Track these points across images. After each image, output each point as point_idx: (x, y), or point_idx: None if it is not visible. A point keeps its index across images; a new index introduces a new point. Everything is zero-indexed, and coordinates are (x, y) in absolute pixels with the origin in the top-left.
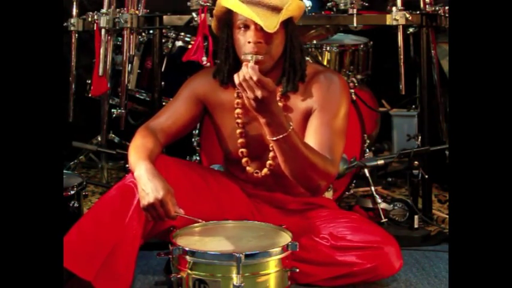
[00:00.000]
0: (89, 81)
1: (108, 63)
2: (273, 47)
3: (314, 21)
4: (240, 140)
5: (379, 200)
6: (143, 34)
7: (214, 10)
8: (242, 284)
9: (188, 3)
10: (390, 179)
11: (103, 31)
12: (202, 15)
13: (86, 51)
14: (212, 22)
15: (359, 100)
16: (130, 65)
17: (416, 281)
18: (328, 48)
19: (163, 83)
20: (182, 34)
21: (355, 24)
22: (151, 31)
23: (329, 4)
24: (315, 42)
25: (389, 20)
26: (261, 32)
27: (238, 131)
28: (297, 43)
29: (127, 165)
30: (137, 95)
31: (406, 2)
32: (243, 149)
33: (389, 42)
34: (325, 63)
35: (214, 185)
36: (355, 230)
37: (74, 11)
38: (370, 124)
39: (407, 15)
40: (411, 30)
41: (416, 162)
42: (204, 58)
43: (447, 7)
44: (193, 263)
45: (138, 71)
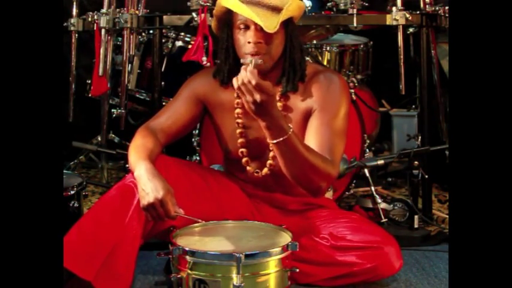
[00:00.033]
0: (89, 81)
1: (108, 63)
2: (273, 47)
3: (314, 21)
4: (240, 140)
5: (379, 200)
6: (143, 34)
7: (214, 10)
8: (242, 284)
9: (188, 3)
10: (390, 179)
11: (103, 31)
12: (202, 15)
13: (86, 51)
14: (212, 22)
15: (359, 100)
16: (130, 65)
17: (416, 281)
18: (328, 48)
19: (163, 83)
20: (182, 34)
21: (355, 24)
22: (151, 31)
23: (329, 4)
24: (315, 42)
25: (389, 20)
26: (261, 32)
27: (238, 131)
28: (297, 43)
29: (127, 165)
30: (137, 95)
31: (406, 2)
32: (243, 149)
33: (389, 42)
34: (325, 63)
35: (214, 185)
36: (355, 230)
37: (74, 11)
38: (370, 124)
39: (407, 15)
40: (411, 30)
41: (416, 162)
42: (204, 58)
43: (447, 7)
44: (193, 263)
45: (138, 71)
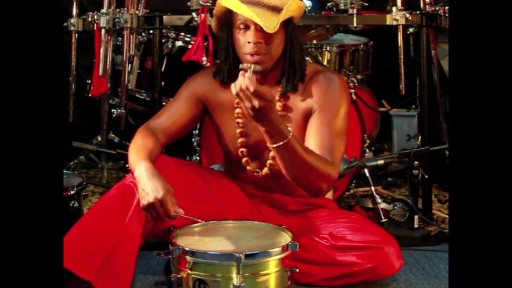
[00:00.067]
0: (89, 81)
1: (108, 63)
2: (273, 47)
3: (314, 21)
4: (240, 140)
5: (379, 200)
6: (143, 34)
7: (214, 10)
8: (242, 284)
9: (188, 3)
10: (390, 179)
11: (103, 31)
12: (202, 15)
13: (86, 51)
14: (212, 22)
15: (359, 100)
16: (130, 65)
17: (416, 281)
18: (328, 48)
19: (163, 83)
20: (182, 34)
21: (355, 24)
22: (151, 31)
23: (329, 4)
24: (315, 42)
25: (389, 20)
26: (261, 32)
27: (238, 131)
28: (297, 43)
29: (127, 165)
30: (137, 95)
31: (406, 2)
32: (243, 149)
33: (389, 42)
34: (325, 63)
35: (214, 185)
36: (355, 230)
37: (74, 11)
38: (370, 124)
39: (407, 15)
40: (411, 30)
41: (416, 162)
42: (204, 58)
43: (447, 7)
44: (193, 263)
45: (138, 71)
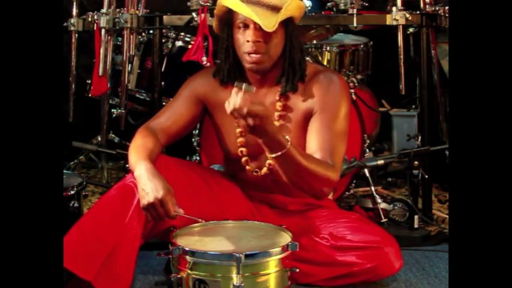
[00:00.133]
0: (89, 81)
1: (108, 63)
2: (272, 47)
3: (314, 21)
4: (240, 139)
5: (379, 200)
6: (143, 34)
7: (215, 10)
8: (242, 284)
9: (188, 3)
10: (390, 179)
11: (103, 31)
12: (202, 15)
13: (86, 51)
14: (213, 22)
15: (359, 100)
16: (130, 65)
17: (416, 281)
18: (328, 48)
19: (163, 83)
20: (182, 34)
21: (355, 24)
22: (151, 31)
23: (329, 4)
24: (315, 42)
25: (389, 20)
26: (260, 31)
27: (238, 130)
28: (297, 43)
29: (127, 165)
30: (137, 95)
31: (406, 2)
32: (243, 148)
33: (389, 42)
34: (325, 63)
35: (214, 185)
36: (355, 230)
37: (74, 11)
38: (370, 124)
39: (407, 15)
40: (411, 30)
41: (416, 162)
42: (204, 58)
43: (447, 7)
44: (193, 263)
45: (138, 71)
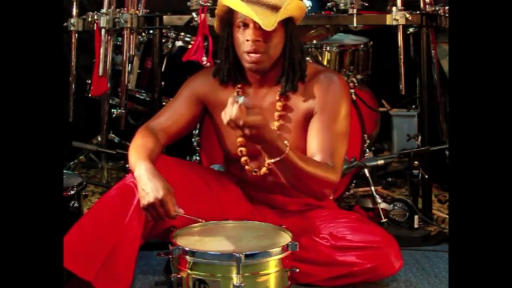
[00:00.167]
0: (89, 81)
1: (108, 63)
2: (272, 46)
3: (314, 21)
4: (239, 139)
5: (379, 200)
6: (143, 34)
7: (216, 10)
8: (242, 284)
9: (188, 3)
10: (390, 179)
11: (103, 31)
12: (202, 15)
13: (86, 51)
14: (214, 22)
15: (359, 100)
16: (130, 65)
17: (416, 281)
18: (328, 48)
19: (163, 83)
20: (182, 34)
21: (355, 24)
22: (151, 31)
23: (329, 4)
24: (315, 42)
25: (389, 20)
26: (260, 31)
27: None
28: (297, 43)
29: (127, 165)
30: (137, 95)
31: (406, 2)
32: (242, 148)
33: (389, 42)
34: (325, 63)
35: (214, 185)
36: (355, 230)
37: (74, 11)
38: (370, 124)
39: (407, 15)
40: (411, 30)
41: (416, 162)
42: (204, 58)
43: (447, 7)
44: (193, 263)
45: (138, 71)
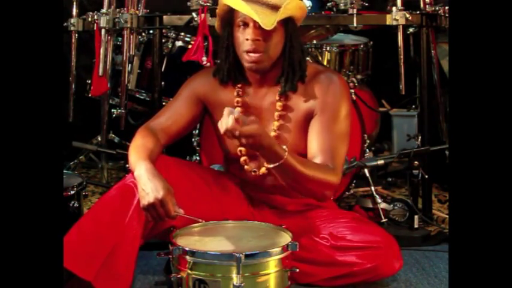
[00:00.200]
0: (89, 81)
1: (108, 63)
2: (271, 46)
3: (314, 21)
4: None
5: (379, 200)
6: (143, 34)
7: (217, 9)
8: (242, 284)
9: (188, 3)
10: (390, 179)
11: (103, 31)
12: (202, 15)
13: (86, 51)
14: (215, 22)
15: (359, 100)
16: (130, 65)
17: (416, 281)
18: (328, 48)
19: (163, 83)
20: (182, 34)
21: (355, 24)
22: (151, 31)
23: (329, 4)
24: (315, 42)
25: (389, 20)
26: (260, 30)
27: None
28: (297, 43)
29: (127, 165)
30: (137, 95)
31: (406, 2)
32: (242, 148)
33: (389, 42)
34: (325, 63)
35: (214, 185)
36: (355, 230)
37: (74, 11)
38: (370, 124)
39: (407, 15)
40: (411, 30)
41: (416, 162)
42: (204, 58)
43: (447, 7)
44: (193, 263)
45: (138, 71)
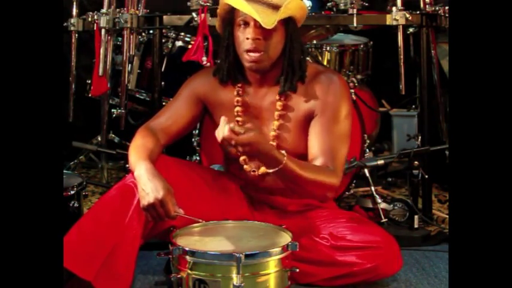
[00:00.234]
0: (89, 81)
1: (108, 63)
2: (272, 45)
3: (314, 21)
4: None
5: (379, 200)
6: (143, 34)
7: (218, 9)
8: (242, 284)
9: (188, 3)
10: (390, 179)
11: (103, 31)
12: (202, 15)
13: (86, 51)
14: (216, 21)
15: (359, 100)
16: (130, 65)
17: (416, 281)
18: (328, 48)
19: (163, 83)
20: (182, 34)
21: (355, 24)
22: (151, 31)
23: (329, 4)
24: (315, 42)
25: (389, 20)
26: (260, 29)
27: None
28: (298, 43)
29: (127, 165)
30: (137, 95)
31: (406, 2)
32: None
33: (389, 42)
34: (325, 63)
35: (214, 185)
36: (355, 230)
37: (74, 11)
38: (370, 124)
39: (407, 15)
40: (411, 30)
41: (416, 162)
42: (204, 58)
43: (447, 7)
44: (193, 263)
45: (138, 71)
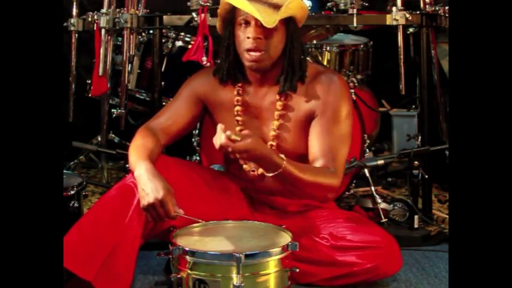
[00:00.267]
0: (89, 81)
1: (108, 63)
2: (272, 45)
3: (314, 21)
4: None
5: (379, 200)
6: (143, 34)
7: (219, 9)
8: (242, 284)
9: (188, 3)
10: (390, 179)
11: (103, 31)
12: (202, 15)
13: (86, 51)
14: (217, 21)
15: (359, 100)
16: (130, 65)
17: (416, 281)
18: (328, 48)
19: (163, 83)
20: (182, 34)
21: (355, 24)
22: (151, 31)
23: (329, 4)
24: (315, 42)
25: (389, 20)
26: (261, 28)
27: (237, 129)
28: (298, 44)
29: (127, 165)
30: (137, 95)
31: (406, 2)
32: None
33: (389, 42)
34: (325, 63)
35: (214, 185)
36: (355, 230)
37: (74, 11)
38: (370, 124)
39: (407, 15)
40: (411, 30)
41: (416, 162)
42: (204, 58)
43: (447, 7)
44: (193, 263)
45: (138, 71)
